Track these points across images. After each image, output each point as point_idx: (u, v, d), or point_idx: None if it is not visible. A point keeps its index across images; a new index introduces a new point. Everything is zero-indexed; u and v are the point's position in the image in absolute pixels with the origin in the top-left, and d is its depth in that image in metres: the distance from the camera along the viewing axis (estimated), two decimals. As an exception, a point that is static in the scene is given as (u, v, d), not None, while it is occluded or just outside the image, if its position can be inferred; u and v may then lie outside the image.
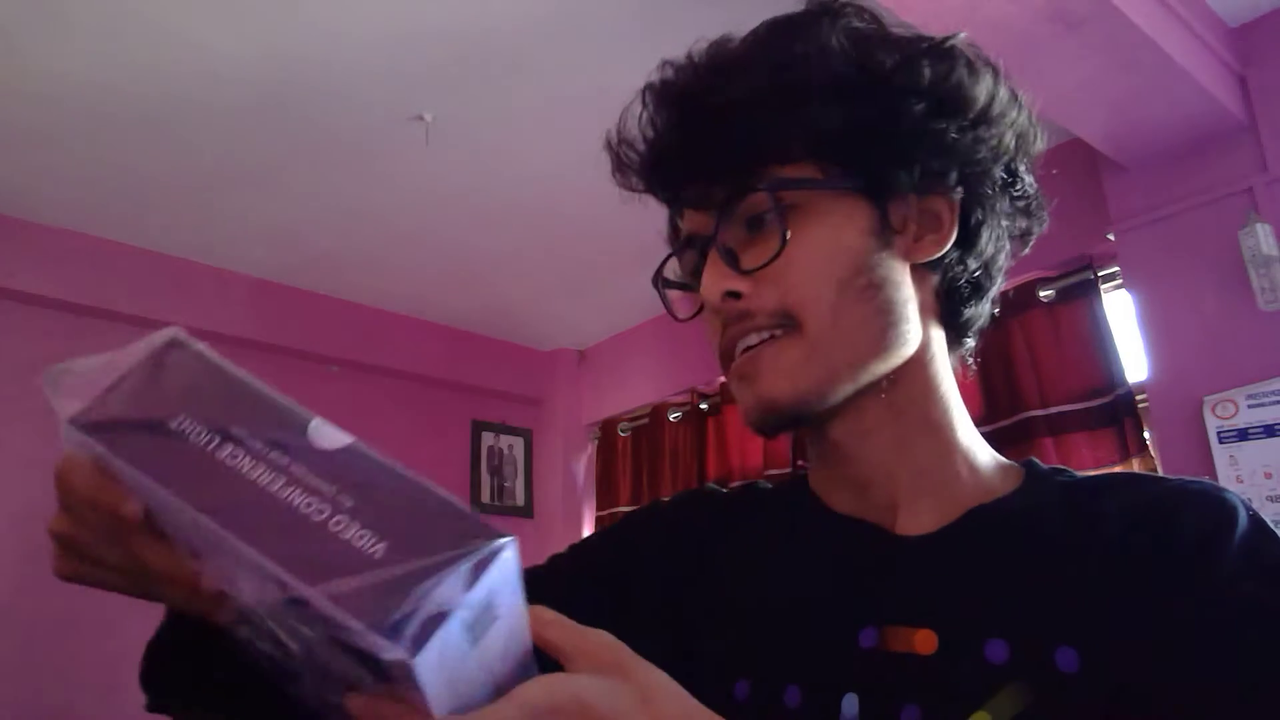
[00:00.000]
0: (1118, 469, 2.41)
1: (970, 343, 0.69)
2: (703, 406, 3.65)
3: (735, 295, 0.61)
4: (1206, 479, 0.61)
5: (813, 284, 0.60)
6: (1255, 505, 2.35)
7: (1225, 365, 2.24)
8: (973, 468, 0.65)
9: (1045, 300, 2.69)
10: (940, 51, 0.63)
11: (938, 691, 0.54)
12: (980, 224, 0.64)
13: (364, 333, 3.64)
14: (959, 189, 0.63)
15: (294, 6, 2.14)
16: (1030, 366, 2.68)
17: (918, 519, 0.63)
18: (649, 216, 0.75)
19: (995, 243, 0.66)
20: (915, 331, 0.63)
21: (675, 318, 0.69)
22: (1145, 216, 2.43)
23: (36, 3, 2.09)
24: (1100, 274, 2.63)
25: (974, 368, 0.71)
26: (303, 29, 2.21)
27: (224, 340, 3.17)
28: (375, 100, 2.46)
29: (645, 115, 0.65)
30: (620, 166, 0.67)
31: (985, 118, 0.63)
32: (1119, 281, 2.58)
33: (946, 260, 0.64)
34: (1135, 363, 2.50)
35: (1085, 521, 0.59)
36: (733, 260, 0.61)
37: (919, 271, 0.64)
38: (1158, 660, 0.52)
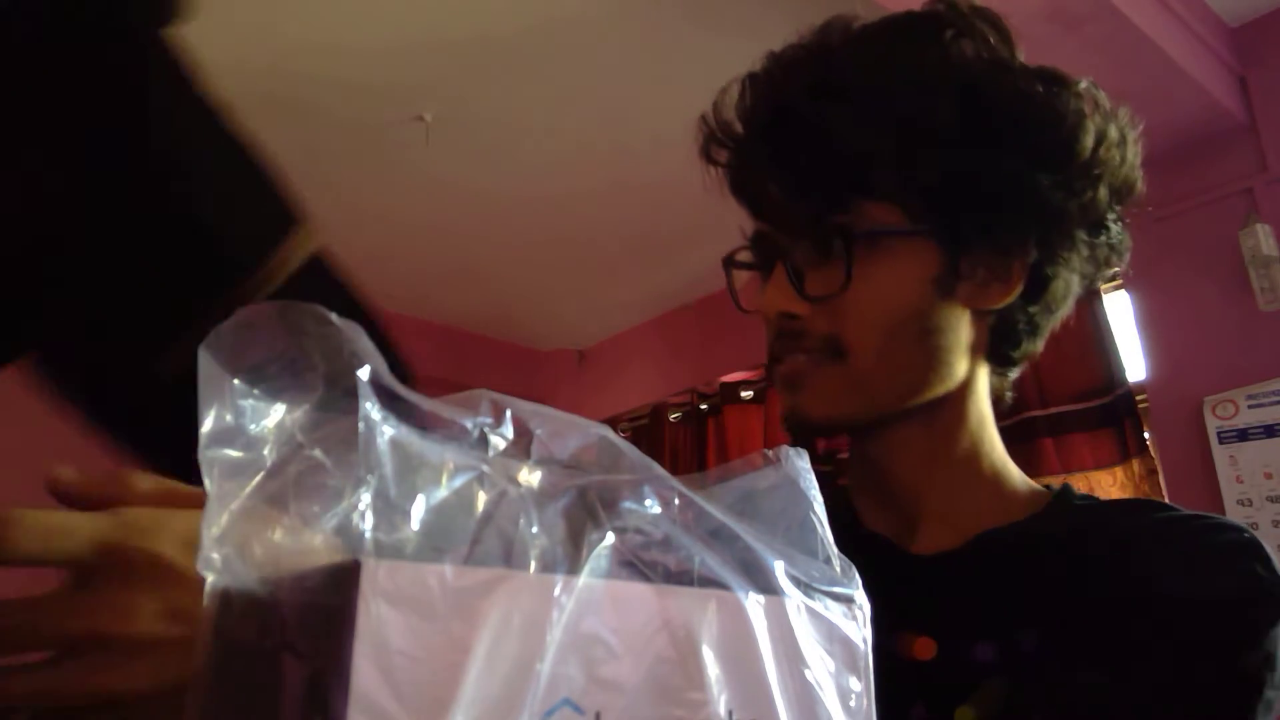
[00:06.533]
0: (1118, 470, 2.41)
1: (1015, 373, 0.70)
2: (703, 407, 3.64)
3: (792, 316, 0.62)
4: (1222, 517, 0.62)
5: (866, 324, 0.61)
6: (1255, 505, 2.30)
7: (1225, 365, 2.24)
8: (997, 493, 0.67)
9: (1045, 300, 2.68)
10: (1059, 97, 0.62)
11: (935, 691, 0.59)
12: (1051, 279, 0.64)
13: (363, 333, 3.63)
14: (1035, 250, 0.62)
15: (295, 8, 2.14)
16: (1030, 367, 2.65)
17: (934, 538, 0.66)
18: (650, 216, 0.75)
19: (1062, 292, 0.65)
20: (962, 369, 0.64)
21: (739, 307, 0.70)
22: (1145, 217, 2.42)
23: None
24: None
25: (1009, 400, 0.71)
26: (303, 30, 2.21)
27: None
28: (376, 100, 2.46)
29: (742, 107, 0.65)
30: (710, 145, 0.67)
31: (1086, 171, 0.62)
32: (1119, 282, 2.58)
33: (1008, 307, 0.64)
34: (1135, 363, 2.50)
35: (1083, 539, 0.62)
36: (798, 281, 0.62)
37: (978, 314, 0.64)
38: (1109, 663, 0.55)
